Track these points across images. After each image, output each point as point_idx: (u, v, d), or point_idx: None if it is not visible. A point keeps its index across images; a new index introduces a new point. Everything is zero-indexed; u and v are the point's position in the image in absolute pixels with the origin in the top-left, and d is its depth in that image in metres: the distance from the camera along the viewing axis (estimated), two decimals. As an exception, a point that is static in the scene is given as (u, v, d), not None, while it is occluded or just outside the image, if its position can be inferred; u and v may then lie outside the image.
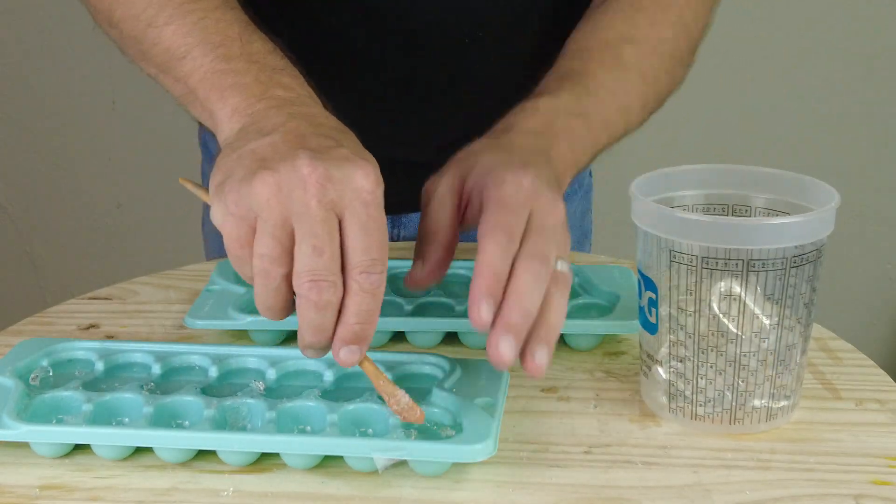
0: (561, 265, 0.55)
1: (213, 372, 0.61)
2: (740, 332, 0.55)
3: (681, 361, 0.57)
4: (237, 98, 0.58)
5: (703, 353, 0.56)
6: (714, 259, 0.54)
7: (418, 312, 0.68)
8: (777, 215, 0.59)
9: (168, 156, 1.86)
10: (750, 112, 1.84)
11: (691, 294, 0.55)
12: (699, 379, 0.57)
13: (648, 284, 0.57)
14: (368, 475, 0.54)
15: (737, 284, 0.54)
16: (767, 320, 0.55)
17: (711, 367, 0.56)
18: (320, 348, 0.53)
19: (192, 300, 0.74)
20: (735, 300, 0.54)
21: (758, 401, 0.57)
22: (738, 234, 0.53)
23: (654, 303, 0.57)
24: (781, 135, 1.85)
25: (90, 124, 1.90)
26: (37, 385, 0.61)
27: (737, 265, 0.54)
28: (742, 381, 0.56)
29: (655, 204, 0.56)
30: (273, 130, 0.54)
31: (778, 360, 0.56)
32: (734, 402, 0.57)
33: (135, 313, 0.73)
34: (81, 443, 0.55)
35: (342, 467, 0.54)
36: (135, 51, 0.65)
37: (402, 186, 0.68)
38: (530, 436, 0.57)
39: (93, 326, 0.71)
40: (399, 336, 0.68)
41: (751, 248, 0.53)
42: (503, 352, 0.51)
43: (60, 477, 0.54)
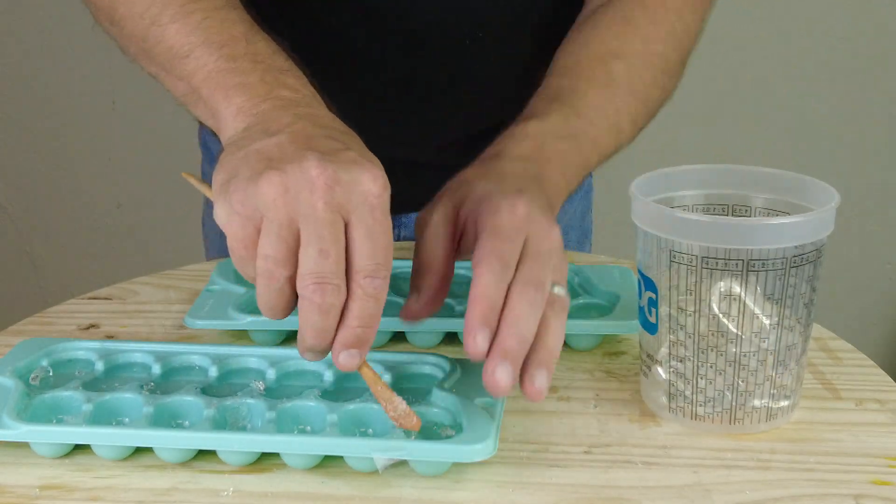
0: (557, 290, 0.55)
1: (213, 372, 0.61)
2: (740, 332, 0.55)
3: (681, 361, 0.57)
4: (242, 97, 0.58)
5: (703, 353, 0.56)
6: (714, 259, 0.54)
7: (418, 312, 0.68)
8: (777, 215, 0.59)
9: (168, 156, 1.86)
10: (750, 112, 1.84)
11: (691, 294, 0.55)
12: (699, 379, 0.57)
13: (648, 284, 0.57)
14: (368, 475, 0.54)
15: (737, 284, 0.54)
16: (767, 320, 0.55)
17: (711, 367, 0.56)
18: (320, 351, 0.52)
19: (192, 300, 0.74)
20: (735, 300, 0.54)
21: (758, 401, 0.57)
22: (738, 234, 0.53)
23: (654, 303, 0.57)
24: (781, 135, 1.85)
25: (90, 124, 1.90)
26: (37, 385, 0.61)
27: (737, 265, 0.54)
28: (742, 381, 0.56)
29: (655, 204, 0.56)
30: (279, 131, 0.54)
31: (778, 360, 0.56)
32: (734, 402, 0.57)
33: (135, 313, 0.73)
34: (81, 443, 0.55)
35: (342, 467, 0.54)
36: (136, 49, 0.65)
37: (403, 186, 0.68)
38: (530, 436, 0.57)
39: (93, 326, 0.71)
40: (399, 336, 0.68)
41: (751, 248, 0.53)
42: (499, 378, 0.51)
43: (60, 477, 0.54)
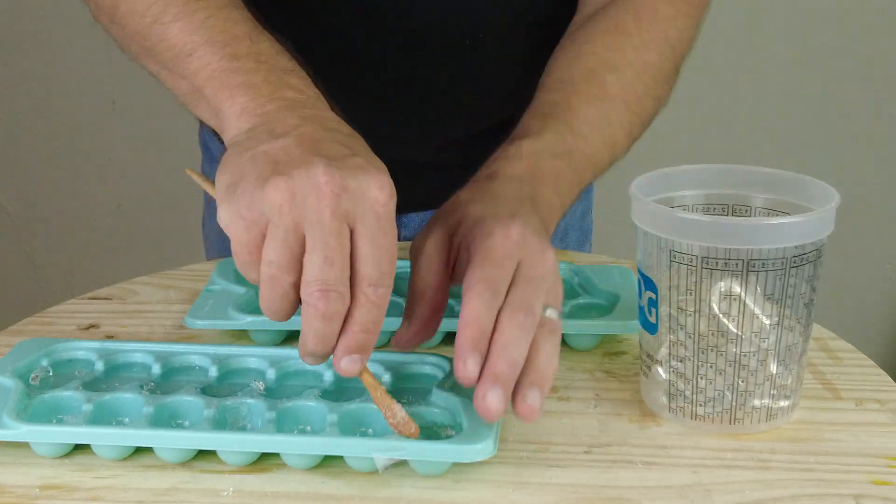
0: (549, 313, 0.54)
1: (213, 372, 0.61)
2: (740, 332, 0.55)
3: (681, 361, 0.57)
4: (246, 97, 0.57)
5: (703, 353, 0.56)
6: (714, 259, 0.54)
7: (418, 312, 0.68)
8: (777, 215, 0.59)
9: (168, 156, 1.86)
10: (750, 112, 1.84)
11: (691, 294, 0.55)
12: (699, 379, 0.57)
13: (648, 284, 0.57)
14: (368, 475, 0.54)
15: (737, 284, 0.54)
16: (767, 320, 0.55)
17: (711, 367, 0.56)
18: (321, 356, 0.52)
19: (192, 300, 0.74)
20: (735, 300, 0.54)
21: (758, 401, 0.57)
22: (738, 234, 0.53)
23: (654, 303, 0.57)
24: (781, 135, 1.85)
25: (90, 124, 1.90)
26: (37, 385, 0.61)
27: (737, 265, 0.54)
28: (742, 381, 0.56)
29: (655, 204, 0.56)
30: (285, 133, 0.54)
31: (778, 360, 0.56)
32: (734, 402, 0.57)
33: (135, 313, 0.73)
34: (81, 443, 0.55)
35: (342, 467, 0.54)
36: (137, 48, 0.64)
37: (403, 186, 0.68)
38: (530, 436, 0.57)
39: (93, 326, 0.71)
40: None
41: (751, 248, 0.53)
42: (490, 403, 0.50)
43: (60, 477, 0.54)
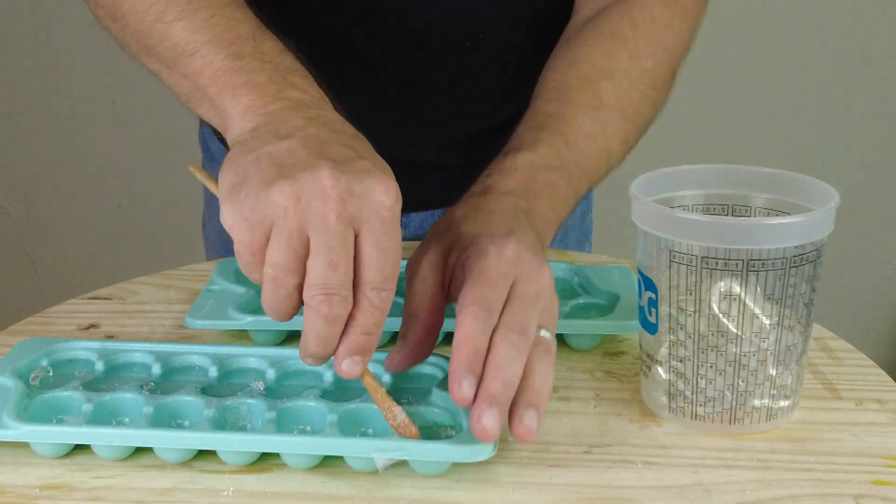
0: (543, 332, 0.54)
1: (213, 372, 0.61)
2: (740, 332, 0.55)
3: (681, 361, 0.57)
4: (250, 97, 0.57)
5: (703, 353, 0.56)
6: (714, 259, 0.54)
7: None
8: (777, 215, 0.59)
9: (168, 156, 1.86)
10: (750, 112, 1.84)
11: (691, 294, 0.55)
12: (699, 379, 0.57)
13: (648, 284, 0.57)
14: (368, 475, 0.54)
15: (737, 284, 0.54)
16: (767, 320, 0.55)
17: (711, 367, 0.56)
18: (322, 357, 0.52)
19: (192, 300, 0.74)
20: (735, 300, 0.54)
21: (758, 401, 0.57)
22: (738, 234, 0.53)
23: (654, 303, 0.57)
24: (781, 135, 1.85)
25: (90, 124, 1.90)
26: (37, 385, 0.61)
27: (737, 265, 0.54)
28: (742, 381, 0.56)
29: (655, 204, 0.56)
30: (290, 134, 0.54)
31: (778, 360, 0.56)
32: (734, 402, 0.57)
33: (135, 313, 0.73)
34: (81, 443, 0.55)
35: (342, 467, 0.54)
36: (139, 46, 0.64)
37: (403, 186, 0.67)
38: (530, 436, 0.57)
39: (93, 326, 0.71)
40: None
41: (751, 248, 0.53)
42: (486, 424, 0.50)
43: (60, 477, 0.54)
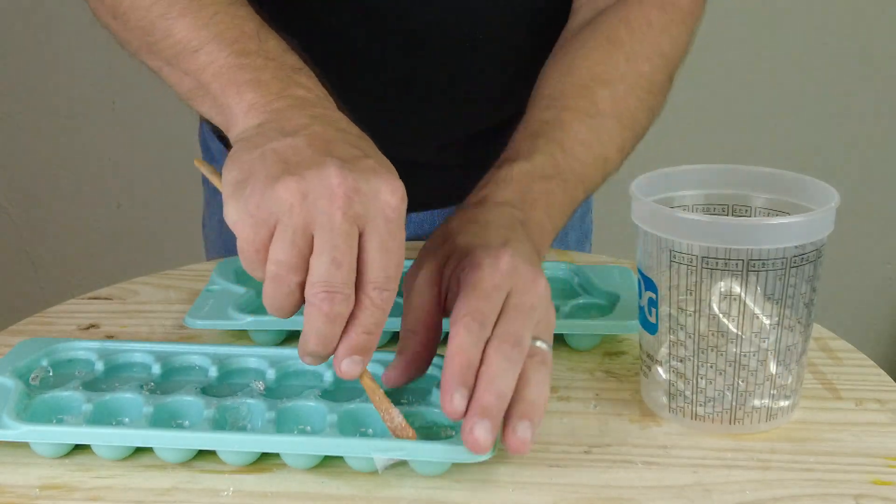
0: (539, 344, 0.54)
1: (213, 372, 0.61)
2: (740, 332, 0.55)
3: (681, 361, 0.57)
4: (255, 94, 0.57)
5: (703, 353, 0.56)
6: (714, 259, 0.54)
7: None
8: (777, 215, 0.59)
9: (168, 156, 1.86)
10: (750, 112, 1.84)
11: (691, 294, 0.55)
12: (699, 379, 0.57)
13: (648, 284, 0.57)
14: (368, 475, 0.54)
15: (737, 284, 0.54)
16: (767, 320, 0.55)
17: (711, 367, 0.56)
18: (322, 356, 0.52)
19: (192, 300, 0.74)
20: (735, 300, 0.54)
21: (758, 401, 0.57)
22: (738, 234, 0.53)
23: (654, 303, 0.57)
24: (781, 135, 1.85)
25: (90, 124, 1.90)
26: (37, 385, 0.61)
27: (737, 265, 0.54)
28: (742, 381, 0.56)
29: (655, 204, 0.56)
30: (295, 132, 0.53)
31: (778, 360, 0.56)
32: (734, 402, 0.57)
33: (135, 313, 0.73)
34: (81, 443, 0.55)
35: (342, 467, 0.54)
36: (140, 43, 0.64)
37: (403, 186, 0.68)
38: (530, 436, 0.57)
39: (93, 326, 0.71)
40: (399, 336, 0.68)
41: (751, 248, 0.53)
42: (478, 436, 0.49)
43: (60, 477, 0.54)
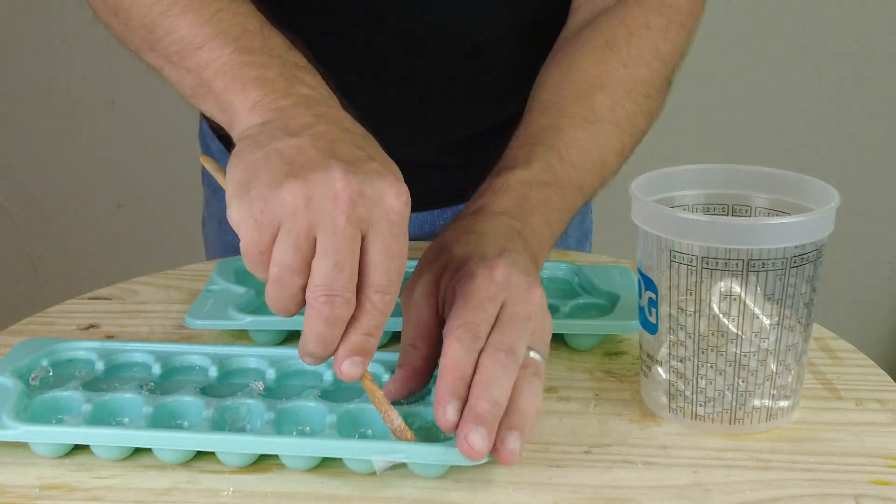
0: (533, 354, 0.54)
1: (213, 372, 0.61)
2: (740, 332, 0.55)
3: (681, 361, 0.57)
4: (259, 91, 0.57)
5: (703, 353, 0.56)
6: (714, 259, 0.54)
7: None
8: (777, 215, 0.59)
9: (168, 156, 1.86)
10: (750, 112, 1.84)
11: (691, 294, 0.55)
12: (699, 379, 0.57)
13: (648, 284, 0.57)
14: (367, 476, 0.54)
15: (737, 284, 0.54)
16: (767, 320, 0.55)
17: (711, 367, 0.56)
18: (321, 357, 0.52)
19: (192, 300, 0.74)
20: (735, 300, 0.54)
21: (758, 401, 0.57)
22: (738, 234, 0.53)
23: (654, 303, 0.57)
24: (781, 135, 1.85)
25: (90, 124, 1.90)
26: (37, 385, 0.61)
27: (737, 265, 0.54)
28: (742, 381, 0.56)
29: (655, 204, 0.56)
30: (300, 132, 0.53)
31: (778, 360, 0.56)
32: (734, 402, 0.57)
33: (135, 313, 0.73)
34: (81, 443, 0.55)
35: (341, 468, 0.54)
36: (142, 41, 0.63)
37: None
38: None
39: (93, 326, 0.71)
40: (399, 336, 0.68)
41: (751, 248, 0.53)
42: (473, 442, 0.49)
43: (60, 477, 0.54)
